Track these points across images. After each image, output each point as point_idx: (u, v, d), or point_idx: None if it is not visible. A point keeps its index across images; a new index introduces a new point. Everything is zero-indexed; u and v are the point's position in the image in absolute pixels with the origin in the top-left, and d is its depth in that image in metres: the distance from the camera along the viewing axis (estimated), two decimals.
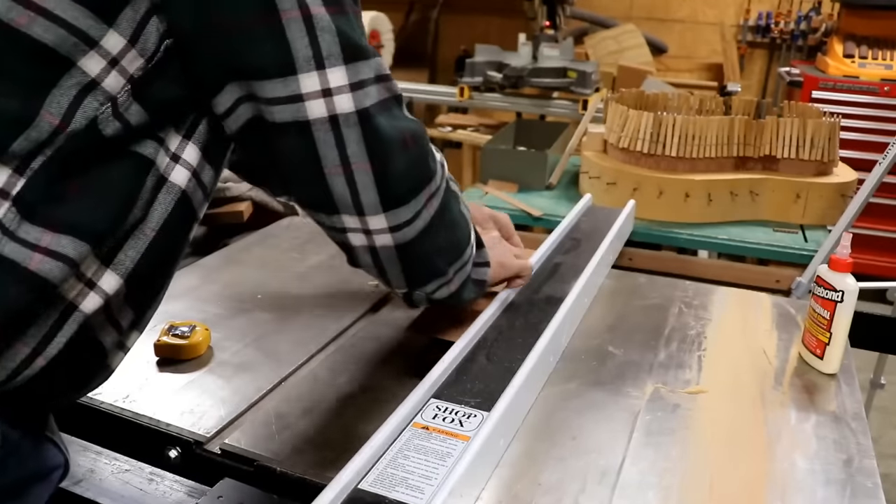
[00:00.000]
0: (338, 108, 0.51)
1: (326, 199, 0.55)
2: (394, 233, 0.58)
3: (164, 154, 0.52)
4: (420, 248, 0.61)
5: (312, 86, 0.50)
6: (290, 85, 0.50)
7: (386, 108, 0.55)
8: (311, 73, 0.50)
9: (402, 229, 0.58)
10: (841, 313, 0.79)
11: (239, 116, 0.53)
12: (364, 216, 0.56)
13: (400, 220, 0.58)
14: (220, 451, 0.65)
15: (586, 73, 2.46)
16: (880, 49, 2.91)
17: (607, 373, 0.79)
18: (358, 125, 0.52)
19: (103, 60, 0.47)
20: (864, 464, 0.65)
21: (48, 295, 0.47)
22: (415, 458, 0.58)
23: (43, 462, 0.54)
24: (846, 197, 1.54)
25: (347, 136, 0.52)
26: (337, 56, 0.51)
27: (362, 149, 0.53)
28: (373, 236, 0.58)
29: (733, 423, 0.71)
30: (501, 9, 3.82)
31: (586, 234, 1.10)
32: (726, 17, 3.69)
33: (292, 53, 0.49)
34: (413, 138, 0.57)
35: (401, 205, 0.57)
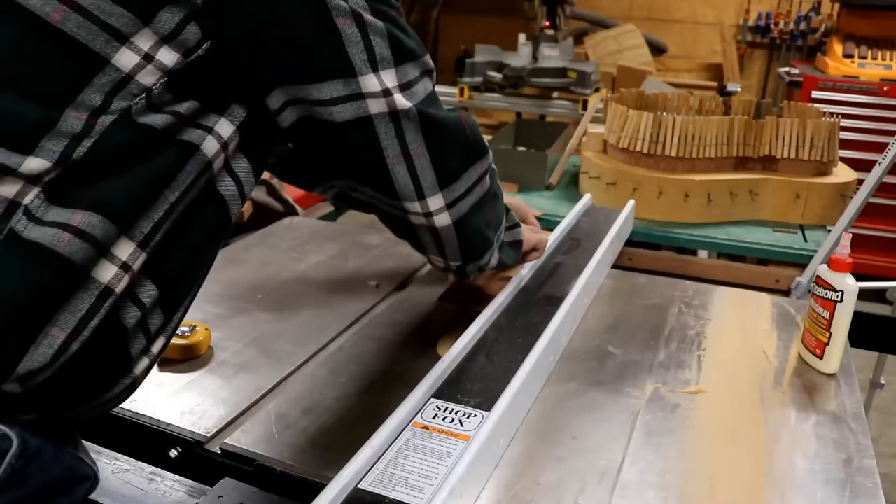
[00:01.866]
0: (398, 104, 0.57)
1: (389, 186, 0.60)
2: (450, 209, 0.63)
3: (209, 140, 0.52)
4: (474, 222, 0.67)
5: (372, 86, 0.55)
6: (351, 85, 0.54)
7: (434, 100, 0.61)
8: (369, 75, 0.55)
9: (457, 204, 0.64)
10: (840, 313, 0.79)
11: (286, 118, 0.56)
12: (424, 199, 0.61)
13: (455, 196, 0.63)
14: (221, 450, 0.65)
15: (586, 74, 2.46)
16: (880, 49, 2.91)
17: (607, 373, 0.79)
18: (417, 117, 0.58)
19: (136, 56, 0.48)
20: (864, 463, 0.65)
21: (79, 277, 0.47)
22: (415, 457, 0.58)
23: (67, 470, 0.53)
24: (846, 197, 1.54)
25: (406, 128, 0.58)
26: (389, 59, 0.56)
27: (419, 137, 0.59)
28: (433, 217, 0.63)
29: (733, 422, 0.71)
30: (501, 9, 3.82)
31: (586, 234, 1.11)
32: (726, 18, 3.69)
33: (349, 57, 0.54)
34: (465, 119, 0.64)
35: (454, 179, 0.62)
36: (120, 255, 0.49)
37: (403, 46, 0.57)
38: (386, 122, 0.57)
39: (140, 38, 0.48)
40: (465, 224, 0.66)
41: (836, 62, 2.92)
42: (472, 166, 0.65)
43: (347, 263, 1.06)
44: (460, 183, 0.63)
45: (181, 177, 0.51)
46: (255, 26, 0.51)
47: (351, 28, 0.53)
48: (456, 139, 0.62)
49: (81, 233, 0.47)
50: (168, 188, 0.50)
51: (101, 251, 0.48)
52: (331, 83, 0.54)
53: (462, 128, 0.63)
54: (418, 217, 0.63)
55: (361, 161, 0.59)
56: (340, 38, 0.53)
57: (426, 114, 0.59)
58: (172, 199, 0.51)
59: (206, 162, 0.52)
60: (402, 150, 0.58)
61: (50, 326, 0.47)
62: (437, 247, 0.68)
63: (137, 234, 0.50)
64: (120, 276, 0.49)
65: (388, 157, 0.58)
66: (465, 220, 0.65)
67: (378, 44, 0.55)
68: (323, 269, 1.06)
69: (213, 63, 0.50)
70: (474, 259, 0.71)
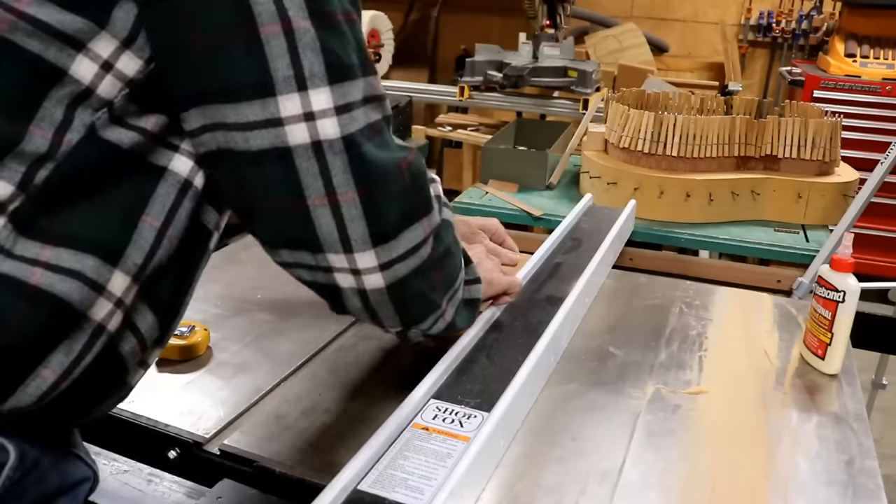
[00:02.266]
0: (321, 134, 0.47)
1: (310, 234, 0.49)
2: (384, 271, 0.52)
3: (179, 159, 0.48)
4: (414, 286, 0.56)
5: (293, 109, 0.46)
6: (269, 107, 0.45)
7: (376, 133, 0.50)
8: (292, 95, 0.45)
9: (392, 266, 0.52)
10: (842, 314, 0.78)
11: (202, 143, 0.48)
12: (352, 253, 0.50)
13: (391, 256, 0.52)
14: (220, 451, 0.65)
15: (587, 73, 2.46)
16: (882, 48, 2.91)
17: (608, 373, 0.79)
18: (344, 152, 0.48)
19: (94, 65, 0.44)
20: (866, 465, 0.64)
21: (68, 314, 0.45)
22: (414, 458, 0.58)
23: (66, 476, 0.52)
24: (848, 197, 1.53)
25: (333, 164, 0.47)
26: (321, 76, 0.46)
27: (349, 178, 0.48)
28: (362, 277, 0.52)
29: (734, 423, 0.71)
30: (502, 8, 3.82)
31: (587, 233, 1.10)
32: (727, 17, 3.69)
33: (271, 73, 0.45)
34: (407, 164, 0.52)
35: (390, 239, 0.51)
36: (114, 291, 0.46)
37: (341, 61, 0.47)
38: (308, 156, 0.47)
39: (98, 43, 0.44)
40: (402, 288, 0.54)
41: (838, 61, 2.91)
42: (417, 223, 0.53)
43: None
44: (399, 243, 0.52)
45: (158, 200, 0.47)
46: (179, 31, 0.45)
47: (277, 38, 0.45)
48: (395, 188, 0.51)
49: (55, 268, 0.44)
50: (149, 214, 0.47)
51: (95, 288, 0.45)
52: (248, 104, 0.45)
53: (401, 175, 0.51)
54: (345, 276, 0.52)
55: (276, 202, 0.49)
56: (262, 50, 0.44)
57: (357, 150, 0.48)
58: (158, 226, 0.47)
59: (181, 182, 0.48)
60: (327, 191, 0.48)
61: (42, 368, 0.45)
62: (368, 314, 0.56)
63: (131, 267, 0.47)
64: (113, 313, 0.47)
65: (309, 198, 0.48)
66: (402, 284, 0.54)
67: (308, 57, 0.45)
68: None
69: None
70: (415, 323, 0.61)
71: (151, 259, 0.48)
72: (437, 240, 0.57)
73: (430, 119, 3.41)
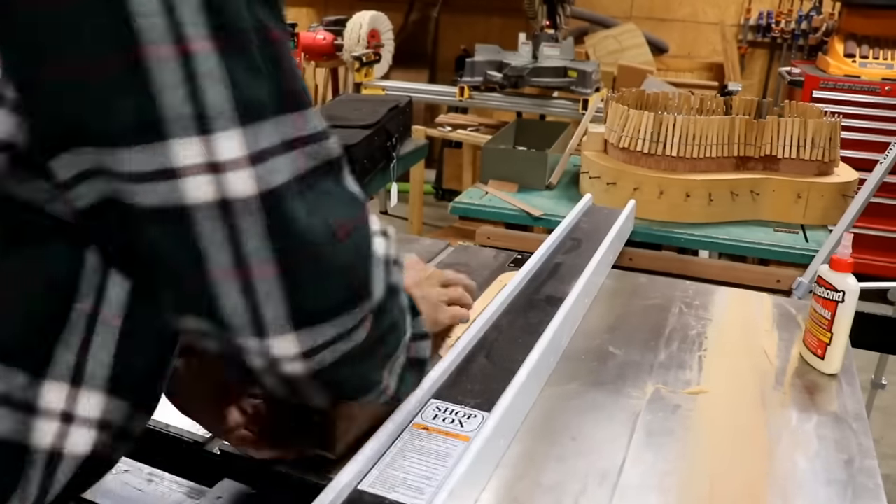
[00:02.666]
0: (230, 190, 0.35)
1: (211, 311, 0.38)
2: (307, 360, 0.40)
3: None
4: (345, 372, 0.44)
5: (192, 157, 0.34)
6: (158, 155, 0.34)
7: (307, 187, 0.38)
8: (191, 139, 0.34)
9: (318, 354, 0.40)
10: (842, 313, 0.78)
11: (81, 195, 0.36)
12: (266, 338, 0.39)
13: (316, 343, 0.40)
14: (220, 451, 0.65)
15: (587, 73, 2.46)
16: (881, 48, 2.91)
17: (608, 373, 0.79)
18: (261, 212, 0.36)
19: None
20: (866, 464, 0.64)
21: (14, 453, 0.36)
22: (415, 458, 0.58)
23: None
24: (847, 197, 1.54)
25: (245, 229, 0.36)
26: (228, 114, 0.35)
27: (265, 246, 0.36)
28: (279, 363, 0.40)
29: (734, 423, 0.71)
30: (502, 8, 3.82)
31: (587, 234, 1.10)
32: (727, 17, 3.69)
33: (159, 110, 0.34)
34: (347, 234, 0.40)
35: (316, 323, 0.40)
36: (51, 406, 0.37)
37: (256, 95, 0.36)
38: (212, 217, 0.35)
39: None
40: (330, 374, 0.42)
41: (838, 61, 2.91)
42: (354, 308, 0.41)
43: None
44: (325, 328, 0.40)
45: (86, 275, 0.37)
46: (34, 58, 0.33)
47: (167, 63, 0.33)
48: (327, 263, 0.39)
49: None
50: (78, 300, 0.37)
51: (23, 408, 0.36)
52: (130, 151, 0.34)
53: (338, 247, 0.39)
54: (257, 358, 0.40)
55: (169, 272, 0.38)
56: (147, 78, 0.33)
57: (279, 211, 0.36)
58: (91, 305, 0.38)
59: None
60: (236, 263, 0.36)
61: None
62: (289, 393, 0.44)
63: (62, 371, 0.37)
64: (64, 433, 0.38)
65: (212, 270, 0.36)
66: (330, 371, 0.42)
67: (210, 89, 0.34)
68: None
69: None
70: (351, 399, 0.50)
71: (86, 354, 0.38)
72: (380, 317, 0.44)
73: (430, 119, 3.41)
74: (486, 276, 1.00)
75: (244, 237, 0.36)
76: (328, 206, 0.39)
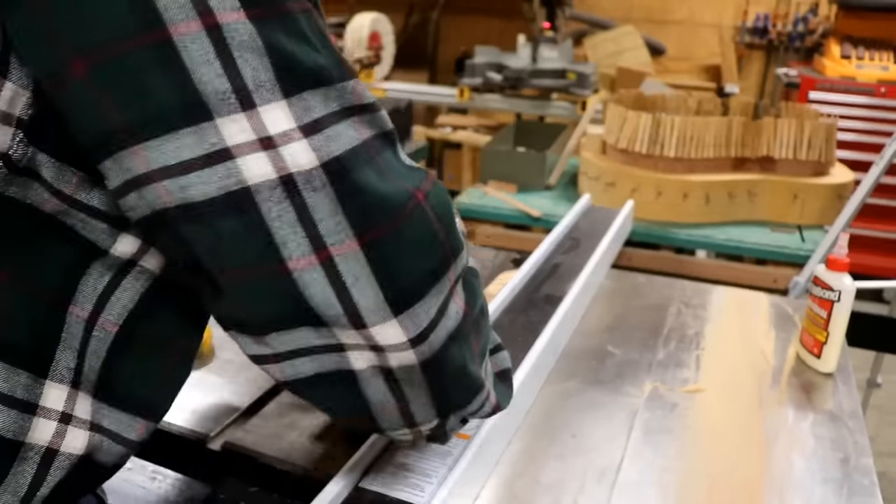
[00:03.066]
0: (291, 164, 0.32)
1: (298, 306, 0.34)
2: (417, 346, 0.37)
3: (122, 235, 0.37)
4: (454, 359, 0.40)
5: (241, 133, 0.32)
6: (206, 136, 0.31)
7: (375, 152, 0.35)
8: (237, 115, 0.32)
9: (426, 338, 0.37)
10: (838, 313, 0.79)
11: (131, 208, 0.34)
12: (366, 329, 0.35)
13: (422, 325, 0.37)
14: (223, 449, 0.66)
15: (585, 75, 2.47)
16: (877, 50, 2.92)
17: (606, 372, 0.79)
18: (329, 186, 0.33)
19: None
20: (862, 462, 0.65)
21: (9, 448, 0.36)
22: (415, 456, 0.58)
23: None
24: (843, 197, 1.55)
25: (315, 205, 0.33)
26: (271, 86, 0.32)
27: (341, 220, 0.33)
28: (386, 354, 0.37)
29: (731, 421, 0.72)
30: (501, 10, 3.83)
31: (585, 234, 1.11)
32: (724, 19, 3.70)
33: (197, 86, 0.31)
34: (424, 195, 0.37)
35: (417, 300, 0.36)
36: (51, 405, 0.37)
37: (299, 63, 0.33)
38: (277, 198, 0.32)
39: None
40: (441, 364, 0.39)
41: (834, 63, 2.93)
42: (444, 275, 0.38)
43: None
44: (428, 301, 0.37)
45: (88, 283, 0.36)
46: (58, 51, 0.32)
47: (197, 41, 0.31)
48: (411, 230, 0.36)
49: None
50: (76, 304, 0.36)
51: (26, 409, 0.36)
52: (174, 136, 0.31)
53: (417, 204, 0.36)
54: (361, 353, 0.37)
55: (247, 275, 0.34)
56: (179, 58, 0.31)
57: (349, 179, 0.33)
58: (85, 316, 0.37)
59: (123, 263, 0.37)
60: (314, 246, 0.33)
61: None
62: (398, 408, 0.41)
63: (63, 373, 0.37)
64: (63, 432, 0.37)
65: (289, 259, 0.33)
66: (439, 360, 0.39)
67: (249, 62, 0.32)
68: None
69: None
70: (456, 409, 0.44)
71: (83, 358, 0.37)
72: (470, 291, 0.42)
73: (430, 120, 3.41)
74: (485, 276, 1.00)
75: (316, 215, 0.33)
76: (396, 173, 0.36)
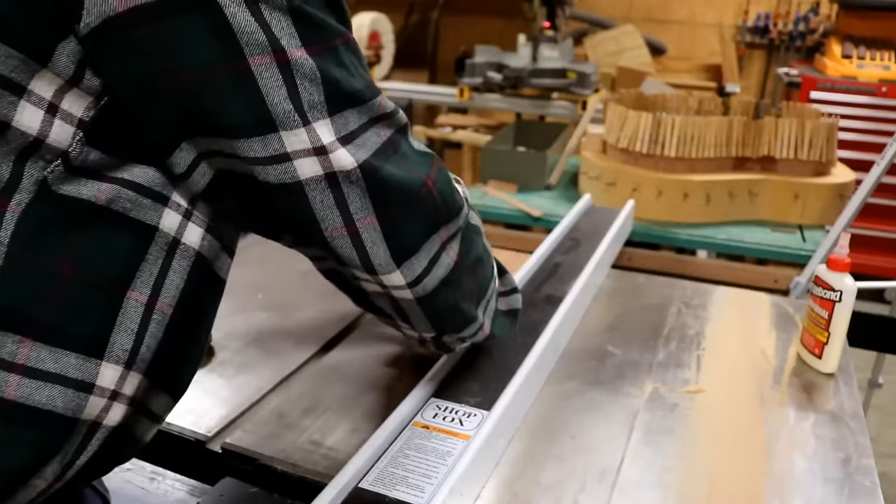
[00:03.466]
0: (335, 165, 0.44)
1: (332, 256, 0.49)
2: (413, 287, 0.51)
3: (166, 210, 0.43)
4: (445, 298, 0.53)
5: (300, 143, 0.42)
6: (272, 143, 0.42)
7: (392, 150, 0.47)
8: (298, 130, 0.42)
9: (420, 282, 0.51)
10: (839, 313, 0.79)
11: (203, 175, 0.44)
12: (376, 275, 0.49)
13: (416, 273, 0.50)
14: (222, 450, 0.66)
15: (586, 74, 2.47)
16: (878, 50, 2.92)
17: (606, 372, 0.79)
18: (363, 181, 0.45)
19: (40, 110, 0.38)
20: (863, 463, 0.65)
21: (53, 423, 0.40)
22: (415, 456, 0.58)
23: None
24: (844, 197, 1.54)
25: (350, 194, 0.45)
26: (320, 107, 0.43)
27: (367, 204, 0.46)
28: (390, 290, 0.51)
29: (732, 422, 0.72)
30: (501, 10, 3.82)
31: (586, 233, 1.11)
32: (725, 18, 3.70)
33: (268, 108, 0.41)
34: (433, 182, 0.49)
35: (413, 253, 0.49)
36: (106, 385, 0.41)
37: (341, 88, 0.44)
38: (322, 189, 0.44)
39: (38, 83, 0.38)
40: (433, 301, 0.53)
41: (835, 63, 2.92)
42: (435, 233, 0.51)
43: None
44: (420, 255, 0.50)
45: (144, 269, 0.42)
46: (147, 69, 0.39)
47: (269, 69, 0.40)
48: (417, 203, 0.48)
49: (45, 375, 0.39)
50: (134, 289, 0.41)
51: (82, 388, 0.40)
52: (248, 141, 0.41)
53: (427, 189, 0.49)
54: (372, 285, 0.52)
55: (295, 228, 0.48)
56: (256, 84, 0.40)
57: (376, 175, 0.45)
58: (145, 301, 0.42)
59: (168, 243, 0.43)
60: (345, 221, 0.45)
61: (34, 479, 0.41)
62: (399, 315, 0.55)
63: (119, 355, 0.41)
64: (109, 407, 0.42)
65: (327, 230, 0.46)
66: (431, 298, 0.52)
67: (306, 88, 0.42)
68: None
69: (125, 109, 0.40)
70: (453, 332, 0.58)
71: (142, 340, 0.42)
72: (467, 248, 0.55)
73: (430, 120, 3.41)
74: None
75: (349, 201, 0.45)
76: (411, 161, 0.48)
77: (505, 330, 0.66)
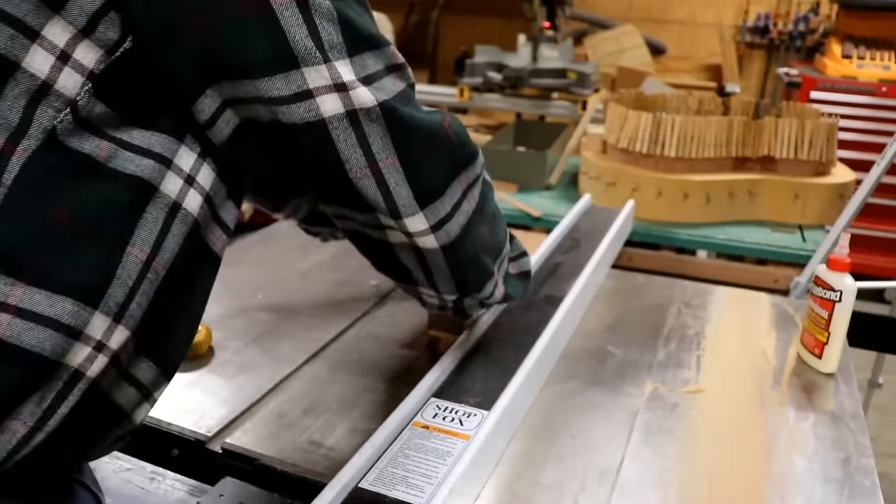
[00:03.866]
0: (356, 102, 0.45)
1: (355, 201, 0.50)
2: (436, 232, 0.52)
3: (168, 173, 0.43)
4: (466, 248, 0.56)
5: (321, 80, 0.44)
6: (295, 80, 0.43)
7: (407, 100, 0.49)
8: (319, 66, 0.44)
9: (443, 226, 0.52)
10: (839, 313, 0.79)
11: (227, 123, 0.45)
12: (401, 219, 0.50)
13: (439, 216, 0.52)
14: (222, 449, 0.66)
15: (586, 74, 2.47)
16: (878, 50, 2.92)
17: (606, 372, 0.79)
18: (382, 119, 0.47)
19: (51, 56, 0.39)
20: (863, 463, 0.65)
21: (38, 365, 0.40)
22: (415, 456, 0.58)
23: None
24: (844, 197, 1.54)
25: (371, 133, 0.46)
26: (340, 47, 0.45)
27: (388, 144, 0.47)
28: (414, 239, 0.53)
29: (732, 422, 0.72)
30: (501, 10, 3.82)
31: (586, 233, 1.11)
32: (725, 18, 3.70)
33: (290, 45, 0.43)
34: (449, 124, 0.52)
35: (437, 196, 0.51)
36: (93, 334, 0.41)
37: (359, 30, 0.46)
38: (344, 127, 0.45)
39: (51, 29, 0.39)
40: (457, 250, 0.55)
41: (835, 63, 2.92)
42: (457, 178, 0.53)
43: (348, 263, 1.07)
44: (444, 200, 0.52)
45: (145, 227, 0.42)
46: (176, 11, 0.41)
47: (290, 9, 0.42)
48: (436, 144, 0.50)
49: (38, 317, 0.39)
50: (134, 245, 0.42)
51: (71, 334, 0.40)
52: (270, 79, 0.43)
53: (445, 131, 0.51)
54: (397, 234, 0.53)
55: (320, 172, 0.48)
56: (277, 23, 0.42)
57: (395, 114, 0.47)
58: (143, 258, 0.42)
59: (170, 204, 0.43)
60: (368, 161, 0.47)
61: (11, 420, 0.40)
62: (423, 273, 0.56)
63: (111, 307, 0.41)
64: (93, 357, 0.42)
65: (351, 170, 0.47)
66: (456, 246, 0.54)
67: (325, 28, 0.44)
68: (323, 268, 1.06)
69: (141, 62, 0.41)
70: (474, 291, 0.60)
71: (133, 297, 0.42)
72: (485, 199, 0.58)
73: None
74: None
75: (371, 140, 0.47)
76: (426, 111, 0.51)
77: (519, 291, 0.68)
